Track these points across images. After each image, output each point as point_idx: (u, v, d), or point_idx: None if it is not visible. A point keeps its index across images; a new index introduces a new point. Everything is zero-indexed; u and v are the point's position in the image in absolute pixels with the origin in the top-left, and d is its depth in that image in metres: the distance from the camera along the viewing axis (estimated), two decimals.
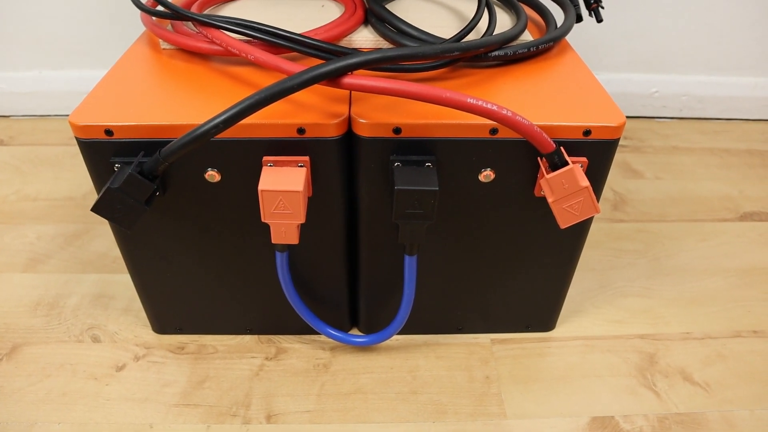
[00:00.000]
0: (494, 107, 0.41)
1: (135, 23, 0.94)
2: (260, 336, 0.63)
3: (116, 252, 0.73)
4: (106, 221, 0.78)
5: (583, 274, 0.72)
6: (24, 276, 0.70)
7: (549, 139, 0.42)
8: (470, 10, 0.61)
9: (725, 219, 0.81)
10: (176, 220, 0.51)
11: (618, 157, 0.94)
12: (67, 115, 1.04)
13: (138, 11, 0.92)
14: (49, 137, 0.97)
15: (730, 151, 0.97)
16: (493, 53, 0.51)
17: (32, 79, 1.00)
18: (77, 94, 1.01)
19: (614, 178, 0.89)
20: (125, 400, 0.56)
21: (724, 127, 1.03)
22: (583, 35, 0.97)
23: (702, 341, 0.63)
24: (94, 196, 0.83)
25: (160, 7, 0.54)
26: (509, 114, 0.41)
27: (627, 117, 1.06)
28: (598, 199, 0.50)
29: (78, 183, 0.86)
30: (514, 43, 0.53)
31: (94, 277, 0.70)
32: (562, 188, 0.44)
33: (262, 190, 0.44)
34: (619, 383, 0.59)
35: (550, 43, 0.54)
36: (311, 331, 0.62)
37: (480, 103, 0.41)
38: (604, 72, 1.01)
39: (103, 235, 0.76)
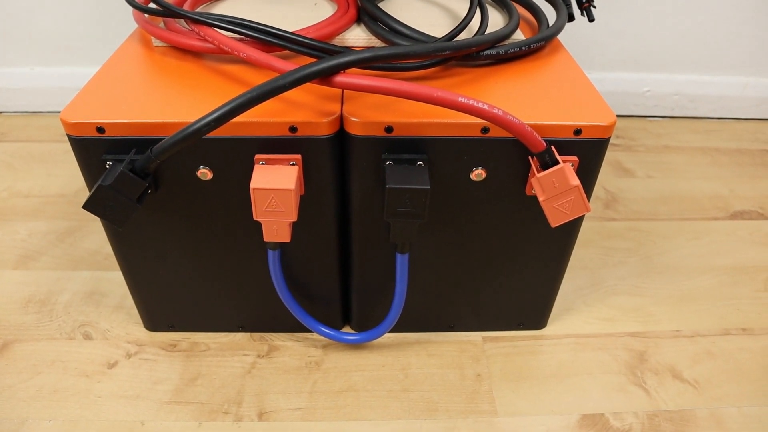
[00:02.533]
0: (485, 106, 0.41)
1: (127, 20, 0.94)
2: (252, 333, 0.63)
3: (108, 249, 0.73)
4: (98, 218, 0.77)
5: (575, 273, 0.72)
6: (15, 273, 0.70)
7: (540, 138, 0.43)
8: (462, 9, 0.61)
9: (716, 218, 0.82)
10: (168, 217, 0.51)
11: (610, 155, 0.95)
12: (60, 112, 1.03)
13: (130, 9, 0.91)
14: (42, 133, 0.97)
15: (720, 150, 0.97)
16: (485, 52, 0.51)
17: (25, 75, 0.99)
18: (70, 90, 1.00)
19: (606, 176, 0.90)
20: (117, 398, 0.56)
21: (715, 126, 1.04)
22: (575, 34, 0.97)
23: (692, 339, 0.64)
24: (86, 193, 0.83)
25: (152, 5, 0.54)
26: (500, 113, 0.41)
27: (619, 116, 1.06)
28: (588, 197, 0.50)
29: (70, 180, 0.86)
30: (506, 42, 0.53)
31: (86, 274, 0.70)
32: (552, 187, 0.44)
33: (254, 189, 0.44)
34: (609, 381, 0.59)
35: (542, 42, 0.54)
36: (303, 329, 0.62)
37: (471, 102, 0.41)
38: (597, 71, 1.02)
39: (95, 232, 0.76)
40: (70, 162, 0.90)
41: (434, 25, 0.56)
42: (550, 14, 0.64)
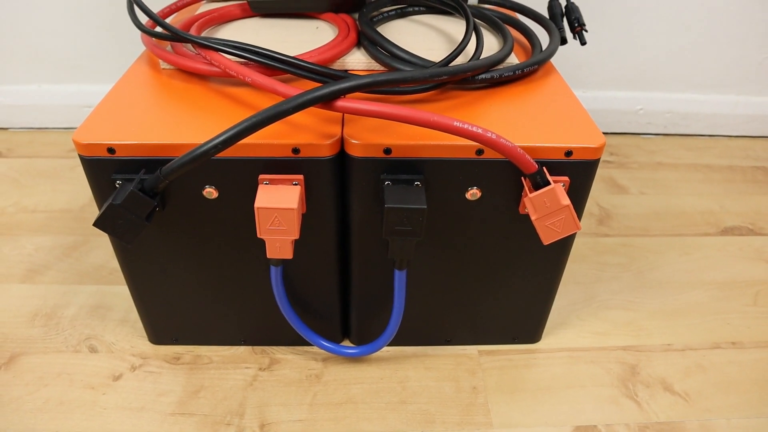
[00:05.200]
0: (479, 130, 0.43)
1: (133, 40, 0.96)
2: (254, 347, 0.64)
3: (114, 263, 0.75)
4: (103, 233, 0.79)
5: (569, 287, 0.74)
6: (22, 287, 0.72)
7: (531, 161, 0.45)
8: (459, 33, 0.63)
9: (707, 233, 0.84)
10: (175, 234, 0.53)
11: (604, 172, 0.97)
12: (66, 128, 1.05)
13: (136, 29, 0.94)
14: (48, 150, 0.99)
15: (712, 167, 0.99)
16: (480, 76, 0.53)
17: (31, 93, 1.02)
18: (75, 107, 1.03)
19: (600, 193, 0.92)
20: (122, 409, 0.58)
21: (707, 143, 1.06)
22: (570, 54, 1.00)
23: (682, 352, 0.66)
24: (91, 209, 0.85)
25: (159, 29, 0.56)
26: (493, 137, 0.43)
27: (613, 133, 1.08)
28: (580, 216, 0.52)
29: (75, 195, 0.88)
30: (501, 66, 0.55)
31: (92, 288, 0.71)
32: (544, 206, 0.46)
33: (258, 208, 0.46)
34: (602, 393, 0.61)
35: (535, 66, 0.56)
36: (304, 343, 0.64)
37: (466, 126, 0.43)
38: (591, 90, 1.04)
39: (100, 246, 0.78)
40: (76, 178, 0.92)
41: (431, 49, 0.59)
42: (543, 37, 0.66)
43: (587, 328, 0.68)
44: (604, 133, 1.05)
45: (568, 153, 0.48)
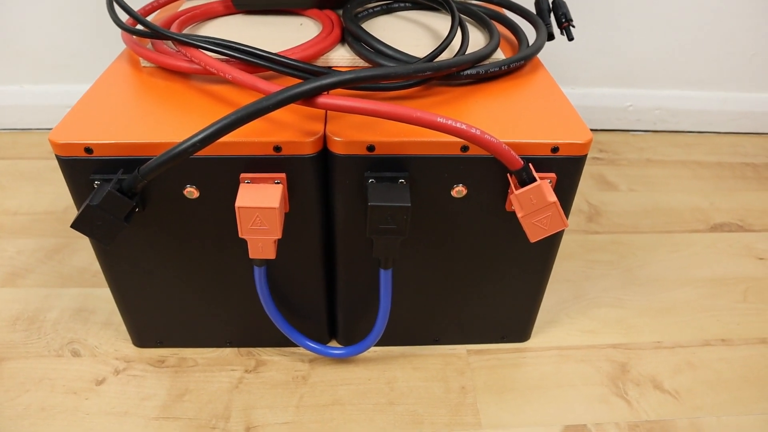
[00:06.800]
0: (463, 126, 0.42)
1: (116, 39, 0.95)
2: (240, 348, 0.63)
3: (96, 266, 0.74)
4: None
5: (558, 285, 0.73)
6: (3, 290, 0.70)
7: (517, 157, 0.44)
8: (444, 28, 0.62)
9: (696, 230, 0.84)
10: (155, 235, 0.52)
11: (593, 169, 0.97)
12: (48, 129, 1.04)
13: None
14: (30, 151, 0.97)
15: (701, 163, 0.99)
16: (466, 72, 0.52)
17: (13, 93, 1.00)
18: (58, 108, 1.01)
19: (589, 190, 0.91)
20: (105, 414, 0.57)
21: (696, 140, 1.06)
22: (559, 51, 0.99)
23: (672, 350, 0.65)
24: (74, 211, 0.84)
25: (140, 26, 0.55)
26: (478, 133, 0.42)
27: (602, 130, 1.08)
28: (568, 213, 0.52)
29: (58, 197, 0.86)
30: (487, 61, 0.55)
31: (74, 291, 0.70)
32: (530, 204, 0.46)
33: (239, 207, 0.45)
34: (591, 392, 0.60)
35: (521, 61, 0.56)
36: (290, 344, 0.63)
37: (449, 122, 0.42)
38: (580, 86, 1.04)
39: (83, 249, 0.77)
40: (59, 179, 0.90)
41: (417, 44, 0.58)
42: (530, 33, 0.66)
43: (576, 326, 0.68)
44: (593, 130, 1.05)
45: (555, 149, 0.47)
